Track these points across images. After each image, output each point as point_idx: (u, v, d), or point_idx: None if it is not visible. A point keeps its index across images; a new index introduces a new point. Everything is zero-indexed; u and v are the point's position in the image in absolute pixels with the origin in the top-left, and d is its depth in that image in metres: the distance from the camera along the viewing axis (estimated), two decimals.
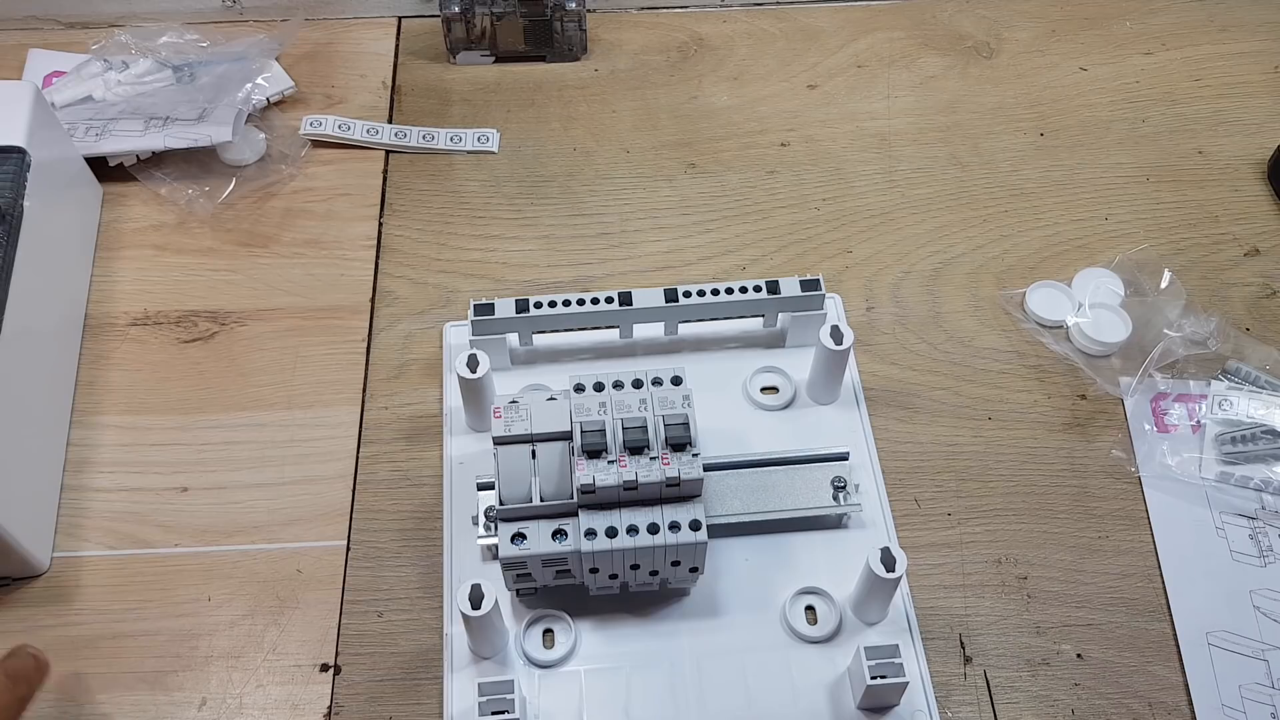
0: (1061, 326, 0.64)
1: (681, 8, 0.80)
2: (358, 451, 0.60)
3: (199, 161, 0.69)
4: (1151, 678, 0.53)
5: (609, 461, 0.48)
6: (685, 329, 0.63)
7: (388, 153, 0.72)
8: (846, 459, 0.56)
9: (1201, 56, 0.78)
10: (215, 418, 0.61)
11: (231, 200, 0.69)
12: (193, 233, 0.68)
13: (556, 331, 0.61)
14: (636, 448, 0.48)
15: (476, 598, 0.48)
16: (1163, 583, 0.56)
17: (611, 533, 0.48)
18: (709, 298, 0.59)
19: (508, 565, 0.50)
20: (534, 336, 0.61)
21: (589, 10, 0.78)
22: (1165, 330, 0.62)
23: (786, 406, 0.60)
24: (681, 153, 0.72)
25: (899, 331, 0.64)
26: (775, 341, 0.63)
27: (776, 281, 0.59)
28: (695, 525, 0.49)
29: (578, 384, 0.51)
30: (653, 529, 0.48)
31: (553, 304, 0.59)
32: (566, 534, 0.49)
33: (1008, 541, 0.57)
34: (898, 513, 0.57)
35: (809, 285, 0.59)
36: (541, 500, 0.49)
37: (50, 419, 0.59)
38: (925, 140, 0.73)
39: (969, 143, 0.73)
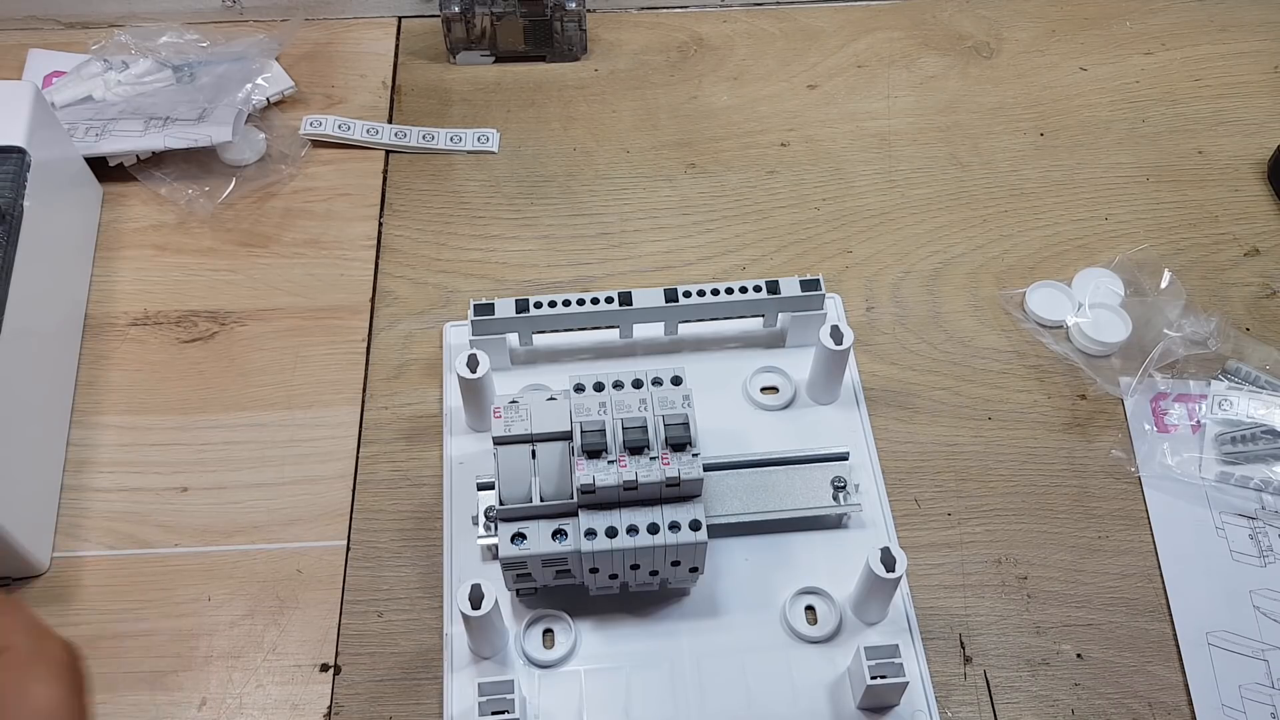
0: (1061, 326, 0.64)
1: (681, 8, 0.80)
2: (358, 451, 0.60)
3: (199, 161, 0.69)
4: (1151, 678, 0.53)
5: (609, 461, 0.48)
6: (685, 329, 0.63)
7: (388, 153, 0.72)
8: (846, 459, 0.56)
9: (1201, 56, 0.78)
10: (215, 418, 0.61)
11: (231, 200, 0.69)
12: (193, 233, 0.68)
13: (556, 331, 0.61)
14: (636, 448, 0.48)
15: (476, 598, 0.48)
16: (1163, 583, 0.56)
17: (611, 533, 0.48)
18: (709, 298, 0.59)
19: (508, 565, 0.50)
20: (534, 336, 0.61)
21: (589, 10, 0.78)
22: (1165, 330, 0.62)
23: (786, 406, 0.60)
24: (681, 153, 0.72)
25: (899, 331, 0.64)
26: (775, 341, 0.63)
27: (776, 281, 0.59)
28: (695, 525, 0.49)
29: (578, 384, 0.51)
30: (653, 529, 0.48)
31: (553, 304, 0.59)
32: (566, 534, 0.49)
33: (1008, 541, 0.57)
34: (898, 513, 0.57)
35: (809, 285, 0.59)
36: (541, 500, 0.49)
37: (50, 419, 0.59)
38: (925, 140, 0.73)
39: (969, 143, 0.73)
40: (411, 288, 0.66)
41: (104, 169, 0.68)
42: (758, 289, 0.59)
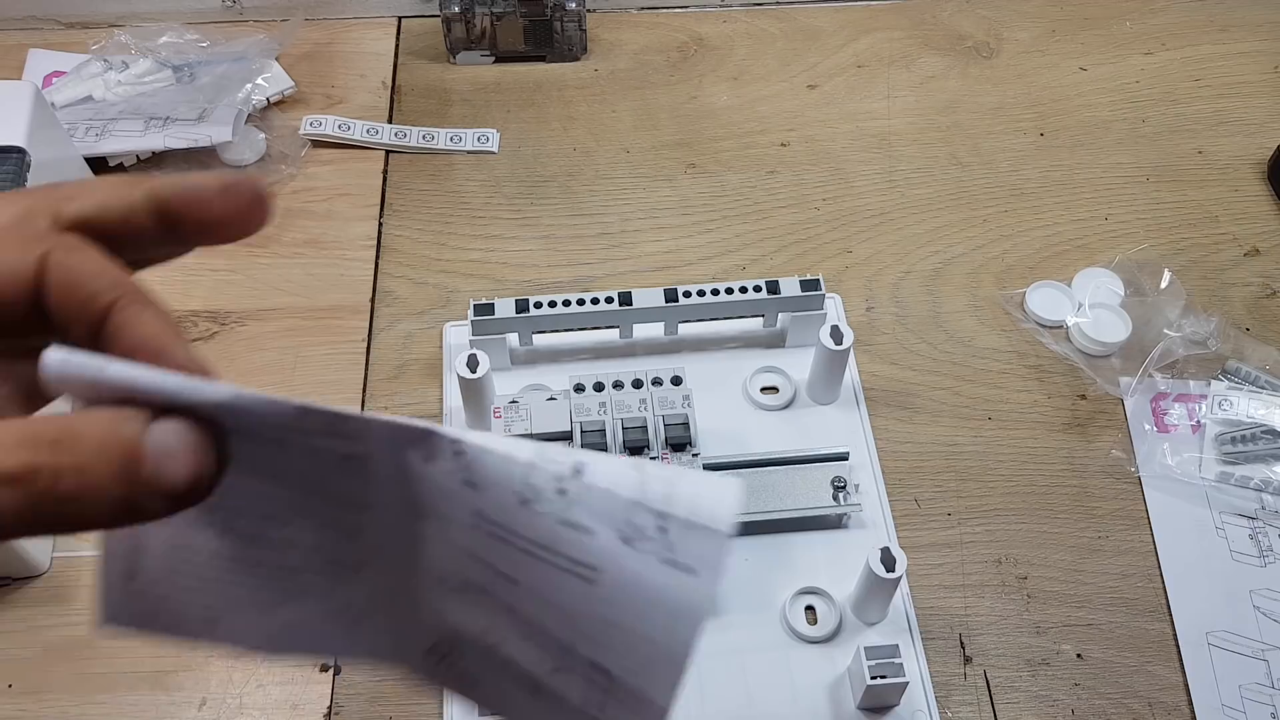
0: (1061, 326, 0.64)
1: (681, 8, 0.80)
2: None
3: (199, 161, 0.69)
4: (1151, 678, 0.53)
5: None
6: (685, 329, 0.63)
7: (388, 153, 0.72)
8: (846, 459, 0.56)
9: (1201, 56, 0.78)
10: None
11: None
12: None
13: (556, 331, 0.61)
14: (636, 448, 0.48)
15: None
16: (1163, 583, 0.56)
17: None
18: (709, 298, 0.59)
19: None
20: (534, 336, 0.61)
21: (589, 10, 0.78)
22: (1165, 330, 0.62)
23: (786, 406, 0.60)
24: (681, 153, 0.72)
25: (899, 331, 0.64)
26: (775, 341, 0.63)
27: (776, 281, 0.59)
28: None
29: (578, 384, 0.51)
30: None
31: (553, 304, 0.59)
32: None
33: (1008, 541, 0.57)
34: (898, 513, 0.57)
35: (809, 285, 0.59)
36: None
37: None
38: (925, 140, 0.73)
39: (969, 143, 0.73)
40: (411, 288, 0.66)
41: (104, 169, 0.68)
42: (758, 289, 0.59)
